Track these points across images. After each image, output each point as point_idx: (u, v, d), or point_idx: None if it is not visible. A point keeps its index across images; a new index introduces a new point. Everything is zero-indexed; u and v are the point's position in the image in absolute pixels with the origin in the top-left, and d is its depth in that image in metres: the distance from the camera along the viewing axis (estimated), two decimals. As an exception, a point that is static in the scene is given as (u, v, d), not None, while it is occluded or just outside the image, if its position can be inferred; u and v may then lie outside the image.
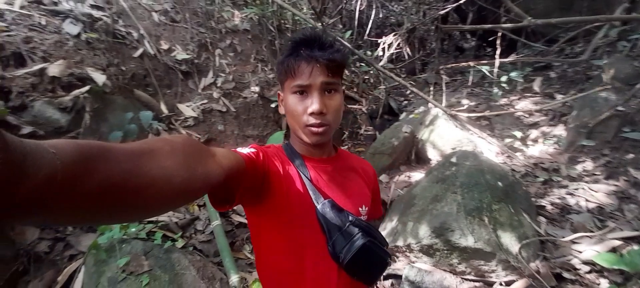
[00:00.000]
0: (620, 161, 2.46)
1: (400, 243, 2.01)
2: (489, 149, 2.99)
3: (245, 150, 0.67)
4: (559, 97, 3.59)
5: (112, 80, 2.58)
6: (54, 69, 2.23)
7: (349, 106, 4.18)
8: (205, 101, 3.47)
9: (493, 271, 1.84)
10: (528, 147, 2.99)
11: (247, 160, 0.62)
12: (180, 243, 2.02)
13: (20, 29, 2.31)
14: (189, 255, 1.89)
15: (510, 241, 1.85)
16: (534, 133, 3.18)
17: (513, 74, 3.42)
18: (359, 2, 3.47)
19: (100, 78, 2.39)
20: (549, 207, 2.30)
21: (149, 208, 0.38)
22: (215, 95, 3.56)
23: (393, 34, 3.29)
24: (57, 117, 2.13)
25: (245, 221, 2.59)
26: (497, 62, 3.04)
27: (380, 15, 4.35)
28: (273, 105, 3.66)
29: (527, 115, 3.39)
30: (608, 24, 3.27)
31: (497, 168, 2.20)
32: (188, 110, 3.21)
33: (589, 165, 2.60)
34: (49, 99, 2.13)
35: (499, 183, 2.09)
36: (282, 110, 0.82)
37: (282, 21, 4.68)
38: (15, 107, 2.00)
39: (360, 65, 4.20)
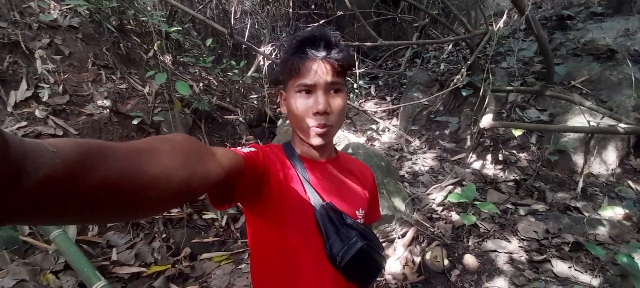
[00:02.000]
0: (433, 136, 3.68)
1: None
2: (357, 139, 3.69)
3: (245, 149, 0.65)
4: (388, 98, 4.87)
5: None
6: None
7: (226, 117, 3.99)
8: (23, 124, 2.43)
9: (393, 229, 2.35)
10: (381, 135, 3.91)
11: (247, 160, 0.61)
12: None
13: None
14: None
15: (399, 203, 2.42)
16: (381, 125, 4.18)
17: (361, 83, 4.36)
18: (233, 10, 3.41)
19: None
20: (406, 175, 3.13)
21: (148, 207, 0.37)
22: (40, 113, 2.55)
23: (270, 44, 3.47)
24: None
25: (137, 270, 2.05)
26: (357, 72, 3.82)
27: (256, 26, 4.41)
28: (135, 122, 3.00)
29: (374, 112, 4.40)
30: (410, 47, 4.78)
31: (378, 153, 2.80)
32: (-4, 137, 2.14)
33: (417, 142, 3.72)
34: None
35: (382, 163, 2.67)
36: (283, 110, 0.80)
37: (125, 21, 3.88)
38: None
39: (232, 73, 4.09)
